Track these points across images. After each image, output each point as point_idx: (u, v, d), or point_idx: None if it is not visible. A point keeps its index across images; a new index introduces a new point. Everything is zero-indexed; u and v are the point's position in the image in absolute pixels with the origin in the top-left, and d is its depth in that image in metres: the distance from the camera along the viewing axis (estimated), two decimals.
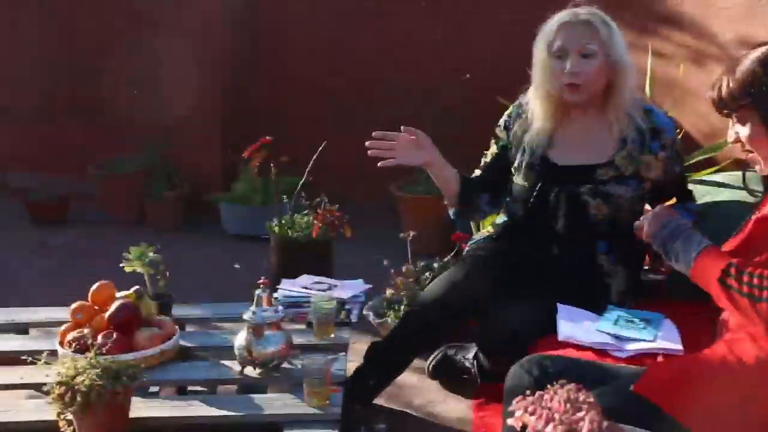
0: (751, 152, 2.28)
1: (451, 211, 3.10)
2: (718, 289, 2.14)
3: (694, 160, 3.74)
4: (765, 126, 2.20)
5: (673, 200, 3.01)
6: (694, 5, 4.16)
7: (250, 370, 2.69)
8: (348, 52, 5.25)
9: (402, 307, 3.51)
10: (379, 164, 2.93)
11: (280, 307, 2.86)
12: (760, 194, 2.46)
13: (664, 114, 3.01)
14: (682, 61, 4.13)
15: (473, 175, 3.10)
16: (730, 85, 2.23)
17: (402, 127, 2.95)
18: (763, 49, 2.23)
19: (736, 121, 2.27)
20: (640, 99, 3.05)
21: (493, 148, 3.09)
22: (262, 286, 2.71)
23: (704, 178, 3.34)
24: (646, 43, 4.13)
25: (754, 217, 2.26)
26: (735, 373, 2.05)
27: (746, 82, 2.20)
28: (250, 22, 5.34)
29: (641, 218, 2.47)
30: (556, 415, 1.03)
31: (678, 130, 3.41)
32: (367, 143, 2.90)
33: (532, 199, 2.93)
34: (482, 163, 3.12)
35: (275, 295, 3.07)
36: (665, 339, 2.61)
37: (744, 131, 2.25)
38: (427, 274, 3.63)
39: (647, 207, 2.97)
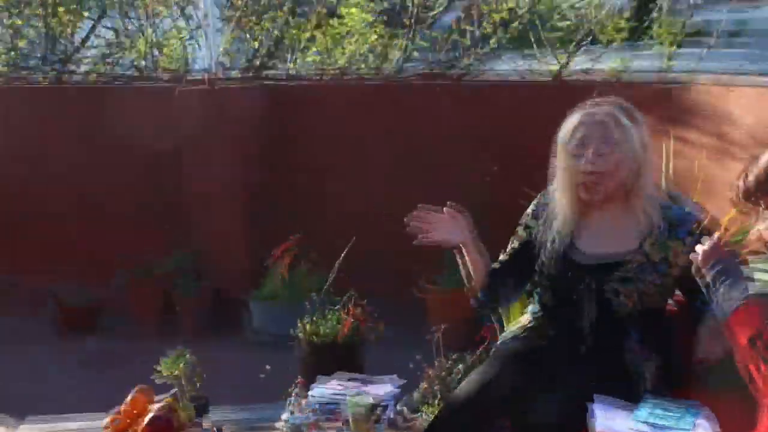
0: None
1: (477, 296, 3.10)
2: (747, 347, 2.14)
3: None
4: None
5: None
6: (712, 96, 4.23)
7: None
8: (373, 153, 5.33)
9: (436, 402, 3.50)
10: (414, 242, 2.93)
11: (317, 406, 2.88)
12: None
13: (689, 200, 3.06)
14: (703, 148, 4.18)
15: (499, 259, 3.13)
16: (754, 174, 2.29)
17: (448, 202, 2.98)
18: None
19: (764, 209, 2.32)
20: (664, 187, 3.10)
21: (522, 234, 3.11)
22: (297, 386, 2.73)
23: None
24: (667, 133, 4.19)
25: None
26: None
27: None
28: (276, 120, 5.43)
29: (697, 247, 2.45)
30: None
31: (704, 215, 3.44)
32: (405, 219, 2.91)
33: (560, 293, 2.96)
34: (509, 248, 3.14)
35: (310, 394, 3.08)
36: (704, 428, 2.60)
37: None
38: (459, 367, 3.63)
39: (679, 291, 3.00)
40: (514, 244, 3.13)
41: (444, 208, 2.99)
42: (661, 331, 2.96)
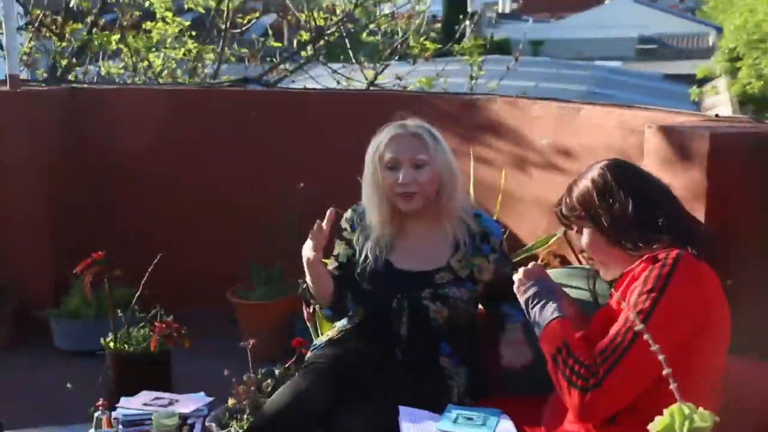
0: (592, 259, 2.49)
1: (326, 311, 3.11)
2: (550, 362, 2.27)
3: (518, 258, 3.93)
4: (599, 235, 2.40)
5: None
6: (511, 115, 4.42)
7: None
8: (181, 164, 5.24)
9: (245, 416, 3.48)
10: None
11: (121, 427, 2.80)
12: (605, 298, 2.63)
13: (491, 218, 3.20)
14: (502, 165, 4.36)
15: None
16: (568, 200, 2.46)
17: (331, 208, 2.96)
18: (597, 167, 2.46)
19: (577, 232, 2.48)
20: (470, 204, 3.22)
21: (341, 248, 3.15)
22: (100, 408, 2.65)
23: None
24: (469, 150, 4.35)
25: (596, 315, 2.44)
26: None
27: (580, 197, 2.43)
28: (83, 126, 5.25)
29: (518, 270, 2.57)
30: None
31: (503, 231, 3.60)
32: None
33: (375, 305, 3.02)
34: (334, 263, 3.16)
35: (114, 414, 3.00)
36: None
37: (583, 240, 2.45)
38: (269, 381, 3.62)
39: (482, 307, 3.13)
40: (339, 258, 3.16)
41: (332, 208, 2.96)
42: (471, 343, 3.07)
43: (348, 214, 3.18)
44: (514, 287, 2.54)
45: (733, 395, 2.29)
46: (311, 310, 3.80)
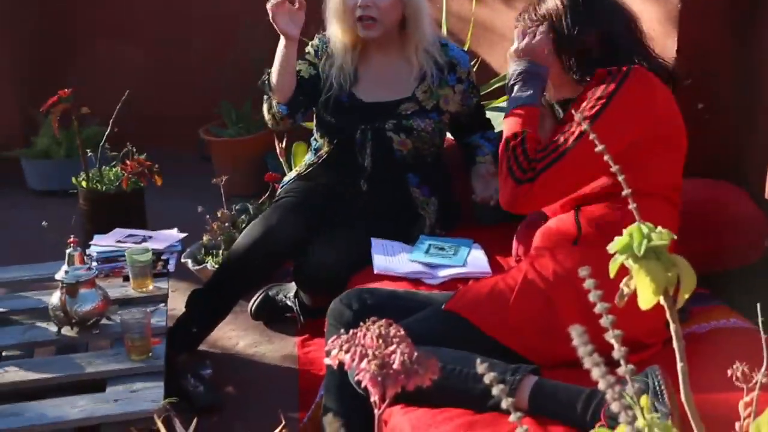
0: None
1: (280, 107, 3.01)
2: (503, 144, 2.24)
3: (491, 89, 3.89)
4: (554, 57, 2.29)
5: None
6: None
7: (67, 330, 2.64)
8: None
9: (220, 252, 3.51)
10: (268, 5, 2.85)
11: (95, 264, 2.81)
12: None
13: (458, 48, 3.14)
14: None
15: None
16: (534, 14, 2.33)
17: None
18: None
19: (530, 36, 2.35)
20: (437, 34, 3.15)
21: (304, 66, 3.07)
22: (72, 245, 2.65)
23: (502, 104, 3.49)
24: None
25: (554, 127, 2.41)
26: (536, 286, 2.17)
27: (548, 13, 2.30)
28: None
29: (516, 40, 2.36)
30: (369, 351, 1.09)
31: (473, 62, 3.54)
32: None
33: (339, 136, 3.00)
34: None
35: (88, 251, 3.01)
36: (474, 263, 2.76)
37: (532, 42, 2.33)
38: (243, 216, 3.64)
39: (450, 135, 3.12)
40: (301, 74, 3.07)
41: None
42: (439, 174, 3.08)
43: (314, 41, 3.12)
44: (508, 53, 2.36)
45: (694, 214, 2.33)
46: (283, 146, 3.78)
